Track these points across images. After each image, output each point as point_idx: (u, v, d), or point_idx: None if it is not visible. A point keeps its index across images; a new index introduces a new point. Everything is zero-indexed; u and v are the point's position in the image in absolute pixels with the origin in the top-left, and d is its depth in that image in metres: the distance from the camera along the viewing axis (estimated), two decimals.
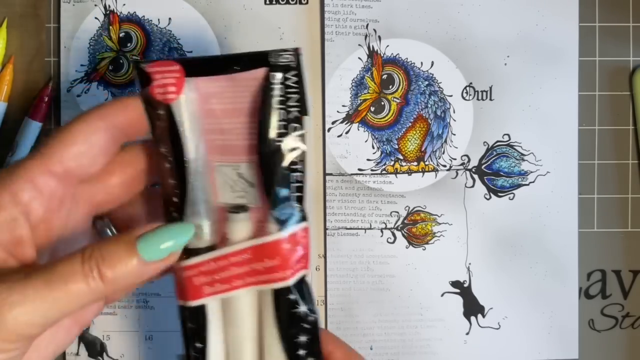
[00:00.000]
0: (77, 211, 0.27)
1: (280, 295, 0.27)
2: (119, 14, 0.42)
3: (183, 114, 0.27)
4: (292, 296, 0.27)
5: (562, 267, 0.42)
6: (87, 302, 0.24)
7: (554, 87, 0.42)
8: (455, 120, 0.42)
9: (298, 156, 0.27)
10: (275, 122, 0.26)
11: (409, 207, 0.42)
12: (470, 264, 0.42)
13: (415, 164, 0.42)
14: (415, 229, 0.42)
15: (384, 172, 0.42)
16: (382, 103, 0.42)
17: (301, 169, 0.27)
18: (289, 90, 0.26)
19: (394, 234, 0.42)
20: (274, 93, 0.26)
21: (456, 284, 0.42)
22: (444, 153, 0.42)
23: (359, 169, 0.42)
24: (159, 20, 0.42)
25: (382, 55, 0.42)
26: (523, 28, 0.42)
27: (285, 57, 0.26)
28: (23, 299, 0.22)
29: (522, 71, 0.42)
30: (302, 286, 0.27)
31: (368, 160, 0.42)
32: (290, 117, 0.26)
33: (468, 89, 0.42)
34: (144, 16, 0.42)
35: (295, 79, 0.26)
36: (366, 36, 0.42)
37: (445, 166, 0.42)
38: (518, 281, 0.42)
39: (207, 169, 0.28)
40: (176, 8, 0.42)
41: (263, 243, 0.26)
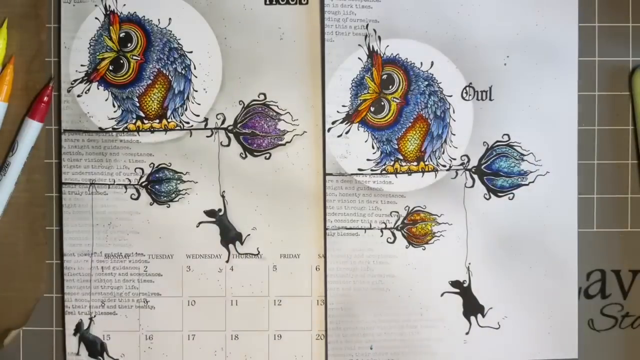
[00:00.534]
0: None
1: None
2: (119, 14, 0.42)
3: None
4: None
5: (562, 267, 0.42)
6: None
7: (554, 87, 0.42)
8: (455, 120, 0.42)
9: None
10: None
11: (409, 207, 0.42)
12: (470, 263, 0.42)
13: (415, 164, 0.42)
14: (415, 229, 0.42)
15: (384, 172, 0.42)
16: (382, 103, 0.42)
17: None
18: None
19: (393, 234, 0.42)
20: None
21: (456, 283, 0.42)
22: (443, 153, 0.42)
23: (359, 169, 0.42)
24: (159, 20, 0.42)
25: (382, 55, 0.42)
26: (523, 28, 0.42)
27: None
28: None
29: (522, 71, 0.42)
30: None
31: (368, 160, 0.42)
32: None
33: (468, 89, 0.42)
34: (144, 16, 0.42)
35: None
36: (366, 36, 0.42)
37: (445, 166, 0.42)
38: (518, 281, 0.42)
39: None
40: (176, 8, 0.42)
41: None
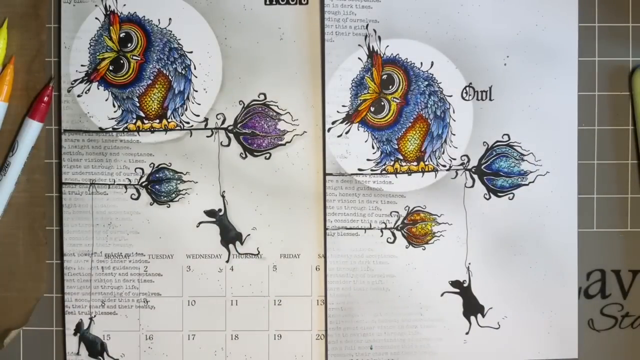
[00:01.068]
0: None
1: None
2: (119, 14, 0.42)
3: None
4: None
5: (562, 267, 0.42)
6: None
7: (554, 87, 0.42)
8: (455, 120, 0.42)
9: None
10: None
11: (409, 207, 0.42)
12: (470, 263, 0.42)
13: (415, 164, 0.42)
14: (415, 228, 0.42)
15: (383, 172, 0.42)
16: (382, 103, 0.42)
17: None
18: None
19: (393, 234, 0.42)
20: None
21: (456, 283, 0.42)
22: (443, 153, 0.42)
23: (359, 169, 0.42)
24: (159, 20, 0.42)
25: (382, 55, 0.42)
26: (523, 28, 0.42)
27: None
28: None
29: (522, 71, 0.42)
30: None
31: (368, 160, 0.42)
32: None
33: (468, 89, 0.42)
34: (144, 16, 0.42)
35: None
36: (366, 36, 0.42)
37: (445, 166, 0.42)
38: (518, 281, 0.43)
39: None
40: (176, 8, 0.42)
41: None
